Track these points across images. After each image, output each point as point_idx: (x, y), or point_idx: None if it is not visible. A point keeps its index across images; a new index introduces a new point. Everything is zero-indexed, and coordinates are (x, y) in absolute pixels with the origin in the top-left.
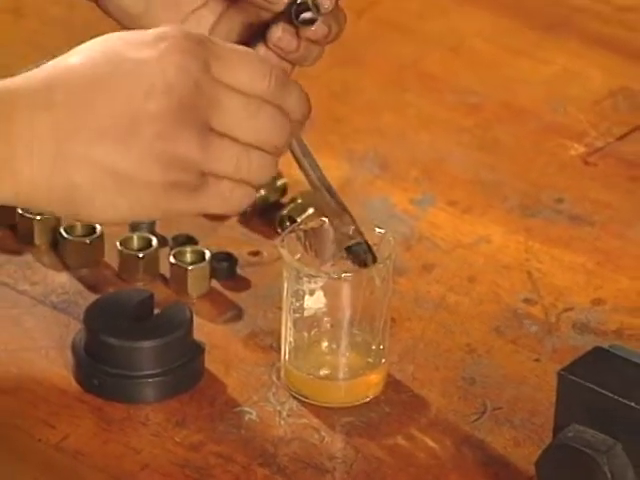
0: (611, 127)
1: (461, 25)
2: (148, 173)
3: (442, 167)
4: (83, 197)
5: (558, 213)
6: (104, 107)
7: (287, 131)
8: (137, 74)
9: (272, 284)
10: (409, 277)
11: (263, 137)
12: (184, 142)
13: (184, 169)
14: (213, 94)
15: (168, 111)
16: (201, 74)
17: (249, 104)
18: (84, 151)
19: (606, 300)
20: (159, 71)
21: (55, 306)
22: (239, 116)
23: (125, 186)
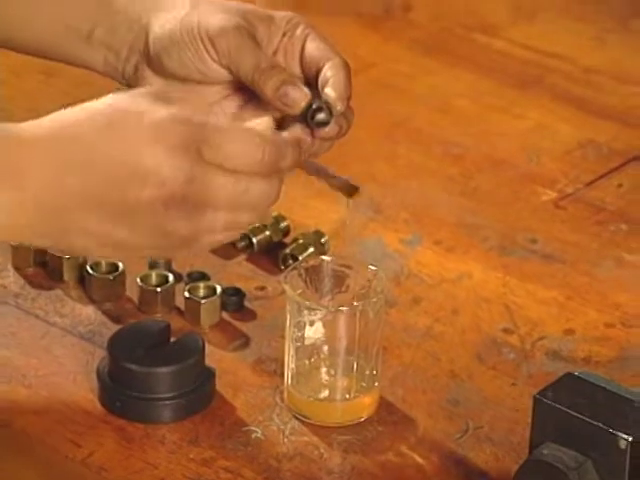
0: (580, 175)
1: (446, 86)
2: (141, 241)
3: (429, 211)
4: (79, 250)
5: (532, 252)
6: (101, 189)
7: (276, 196)
8: (133, 167)
9: (276, 316)
10: (399, 309)
11: (251, 207)
12: (175, 221)
13: (176, 239)
14: (205, 180)
15: (160, 200)
16: (192, 167)
17: (239, 182)
18: (84, 224)
19: (576, 330)
20: (153, 167)
21: (82, 336)
22: (229, 194)
23: (119, 247)
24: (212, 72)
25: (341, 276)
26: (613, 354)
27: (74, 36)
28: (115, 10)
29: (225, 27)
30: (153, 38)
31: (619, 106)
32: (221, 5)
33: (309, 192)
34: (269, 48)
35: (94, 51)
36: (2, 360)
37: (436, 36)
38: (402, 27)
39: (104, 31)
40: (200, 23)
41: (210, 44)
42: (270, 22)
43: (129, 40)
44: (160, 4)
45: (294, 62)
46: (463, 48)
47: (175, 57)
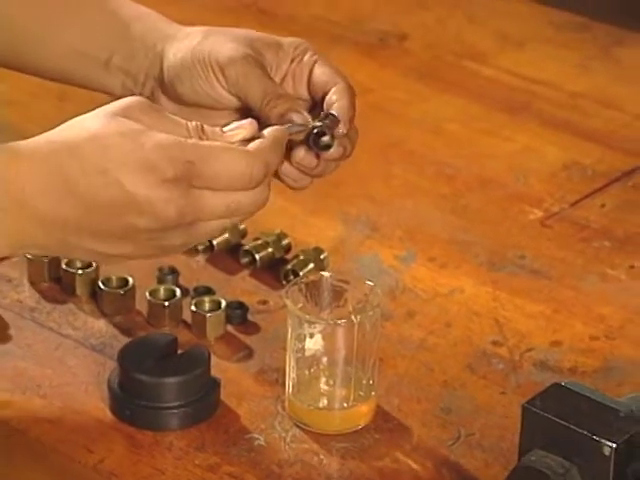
0: (565, 195)
1: (439, 110)
2: (139, 254)
3: (423, 229)
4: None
5: (521, 268)
6: (99, 216)
7: (266, 199)
8: (129, 197)
9: (278, 328)
10: (394, 322)
11: (243, 214)
12: (172, 238)
13: (173, 248)
14: (196, 204)
15: (155, 229)
16: (183, 200)
17: (229, 198)
18: (85, 245)
19: (562, 342)
20: (146, 203)
21: (94, 348)
22: (220, 209)
23: (119, 260)
24: (222, 99)
25: (339, 291)
26: (598, 365)
27: (92, 62)
28: (132, 37)
29: (234, 57)
30: (167, 66)
31: (602, 130)
32: (231, 34)
33: (309, 211)
34: (277, 73)
35: (112, 76)
36: (18, 371)
37: (429, 64)
38: (397, 55)
39: (122, 58)
40: (211, 53)
41: (220, 73)
42: (278, 48)
43: (145, 67)
44: (174, 33)
45: (302, 86)
46: (454, 75)
47: (187, 84)
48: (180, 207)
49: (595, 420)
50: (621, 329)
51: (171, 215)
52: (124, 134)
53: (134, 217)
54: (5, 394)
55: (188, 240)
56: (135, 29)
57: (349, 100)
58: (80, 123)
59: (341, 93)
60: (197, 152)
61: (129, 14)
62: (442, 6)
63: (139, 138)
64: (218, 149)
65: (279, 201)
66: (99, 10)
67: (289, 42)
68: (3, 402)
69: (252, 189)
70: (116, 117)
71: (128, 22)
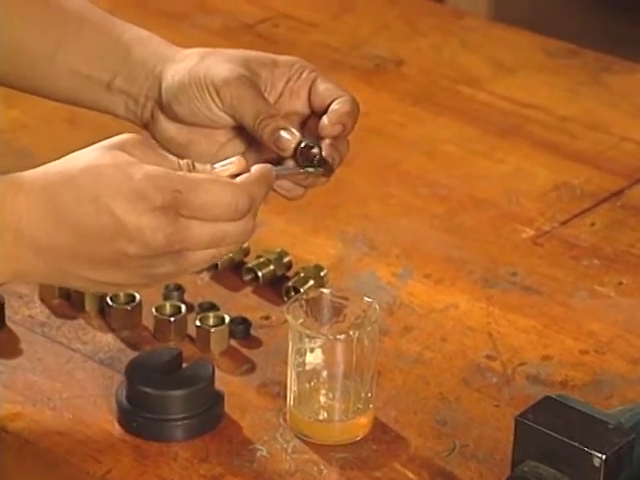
0: (555, 215)
1: (434, 133)
2: (132, 281)
3: (418, 247)
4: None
5: (513, 284)
6: (91, 244)
7: (252, 230)
8: (119, 225)
9: (280, 343)
10: (392, 337)
11: (230, 244)
12: (162, 266)
13: (164, 276)
14: (184, 234)
15: (145, 256)
16: (172, 228)
17: (216, 228)
18: (79, 272)
19: (553, 356)
20: (136, 230)
21: (102, 361)
22: (208, 239)
23: (112, 286)
24: (219, 119)
25: (339, 307)
26: (587, 378)
27: (96, 84)
28: (134, 61)
29: (228, 78)
30: (165, 87)
31: (591, 151)
32: (227, 56)
33: (310, 230)
34: (273, 92)
35: (115, 98)
36: (29, 384)
37: (425, 88)
38: (394, 80)
39: (123, 80)
40: (207, 74)
41: (216, 94)
42: (274, 67)
43: (145, 89)
44: (172, 55)
45: (299, 102)
46: (449, 99)
47: (185, 105)
48: (168, 235)
49: (585, 432)
50: (610, 344)
51: (160, 242)
52: (116, 165)
53: (124, 244)
54: (16, 406)
55: (177, 269)
56: (136, 52)
57: (346, 109)
58: (76, 157)
59: (341, 103)
60: (184, 182)
61: (131, 38)
62: (437, 33)
63: (130, 169)
64: (204, 180)
65: (280, 221)
66: (103, 34)
67: (285, 61)
68: (14, 414)
69: (238, 220)
70: (111, 150)
71: (130, 46)
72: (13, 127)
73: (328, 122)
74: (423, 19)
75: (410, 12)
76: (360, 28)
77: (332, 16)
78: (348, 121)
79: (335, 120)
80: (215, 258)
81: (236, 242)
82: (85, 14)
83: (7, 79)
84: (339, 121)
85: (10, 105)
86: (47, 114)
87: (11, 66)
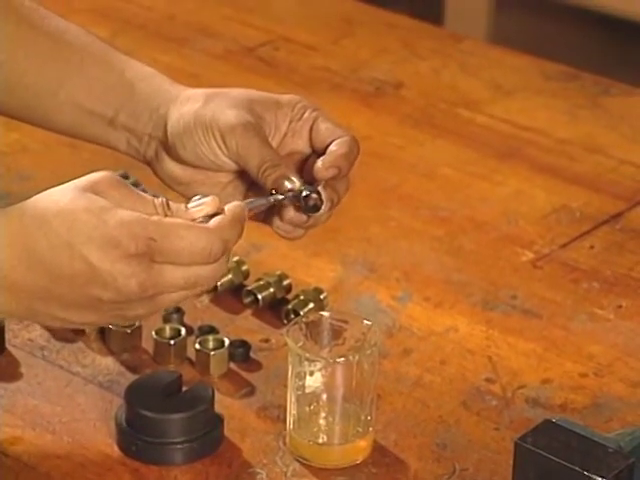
0: (555, 237)
1: (433, 156)
2: (105, 322)
3: (418, 269)
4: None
5: (513, 307)
6: (64, 287)
7: (225, 269)
8: (93, 270)
9: (279, 366)
10: (391, 360)
11: (203, 284)
12: (135, 309)
13: (137, 317)
14: (158, 279)
15: (119, 301)
16: (145, 274)
17: (190, 271)
18: (52, 312)
19: (553, 379)
20: (109, 277)
21: (101, 385)
22: (181, 282)
23: (85, 325)
24: (223, 164)
25: (338, 330)
26: (587, 401)
27: (98, 120)
28: (137, 98)
29: (234, 125)
30: (170, 130)
31: (590, 174)
32: (231, 99)
33: (310, 253)
34: (277, 133)
35: (118, 134)
36: (29, 407)
37: (424, 111)
38: (393, 103)
39: (127, 117)
40: (212, 120)
41: (222, 141)
42: (277, 108)
43: (149, 128)
44: (176, 95)
45: (302, 141)
46: (448, 122)
47: (190, 149)
48: (142, 281)
49: (585, 456)
50: (609, 367)
51: (133, 289)
52: (90, 210)
53: (98, 290)
54: (16, 430)
55: (149, 311)
56: (140, 90)
57: (343, 151)
58: (50, 197)
59: (339, 145)
60: (159, 229)
61: (135, 74)
62: (436, 56)
63: (104, 215)
64: (179, 226)
65: (280, 244)
66: (106, 69)
67: (287, 101)
68: (14, 438)
69: (211, 264)
70: (84, 193)
71: (133, 82)
72: (13, 150)
73: (322, 165)
74: (422, 42)
75: (409, 36)
76: (360, 51)
77: (332, 40)
78: (343, 163)
79: (329, 163)
80: (187, 298)
81: (209, 284)
82: (88, 48)
83: (10, 111)
84: (333, 164)
85: (10, 128)
86: (47, 137)
87: (14, 98)
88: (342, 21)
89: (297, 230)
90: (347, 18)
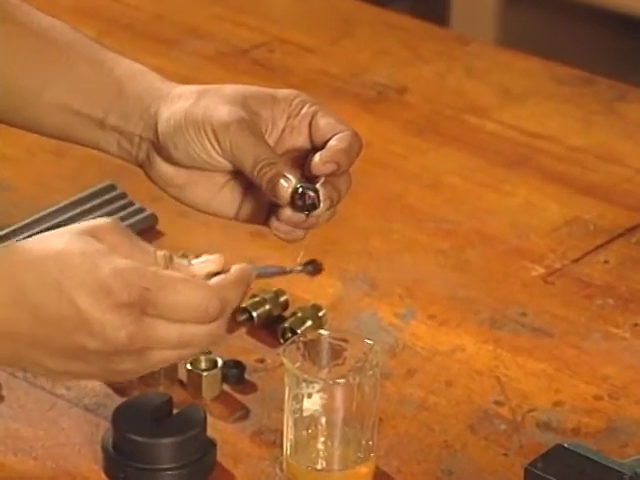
0: (567, 251)
1: (438, 164)
2: (92, 373)
3: (422, 285)
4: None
5: (522, 326)
6: (50, 332)
7: (224, 333)
8: (80, 317)
9: (275, 388)
10: (394, 381)
11: (197, 345)
12: (123, 363)
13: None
14: (148, 333)
15: (105, 352)
16: (135, 326)
17: (184, 329)
18: (35, 358)
19: (565, 402)
20: (98, 325)
21: (87, 408)
22: (174, 340)
23: (71, 376)
24: (217, 163)
25: (338, 349)
26: (601, 425)
27: (87, 121)
28: (127, 97)
29: (228, 122)
30: (161, 130)
31: (604, 185)
32: (224, 95)
33: None
34: (274, 130)
35: (108, 135)
36: (10, 432)
37: (428, 117)
38: (396, 109)
39: (117, 117)
40: (204, 117)
41: (214, 139)
42: (273, 104)
43: (140, 128)
44: (167, 92)
45: (301, 138)
46: (454, 129)
47: (181, 149)
48: (131, 333)
49: None
50: (625, 389)
51: (121, 340)
52: (85, 254)
53: (84, 337)
54: None
55: (139, 367)
56: (130, 88)
57: (343, 145)
58: (47, 240)
59: (339, 139)
60: (155, 280)
61: (124, 72)
62: (441, 59)
63: (99, 259)
64: (176, 279)
65: (277, 258)
66: (94, 68)
67: (284, 96)
68: None
69: (207, 324)
70: (82, 236)
71: (123, 80)
72: None
73: (319, 160)
74: (426, 45)
75: (412, 37)
76: (360, 54)
77: (330, 41)
78: (343, 159)
79: (327, 158)
80: (180, 359)
81: (204, 343)
82: (75, 46)
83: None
84: (332, 159)
85: None
86: (30, 145)
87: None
88: (341, 21)
89: (296, 231)
90: (346, 18)
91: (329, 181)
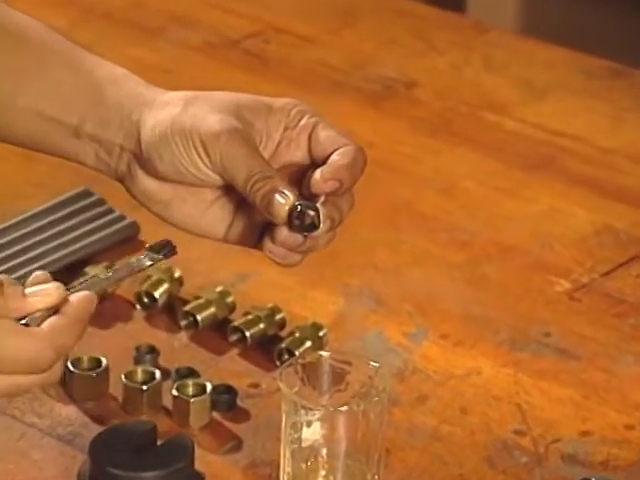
0: (596, 264)
1: (452, 167)
2: None
3: (434, 302)
4: None
5: (546, 347)
6: None
7: (59, 375)
8: None
9: (271, 416)
10: (403, 408)
11: (26, 391)
12: None
13: None
14: None
15: None
16: None
17: (9, 387)
18: None
19: (593, 432)
20: None
21: (61, 438)
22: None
23: None
24: (206, 177)
25: (340, 373)
26: (633, 458)
27: (61, 129)
28: (106, 103)
29: (218, 133)
30: (144, 140)
31: (637, 189)
32: (215, 103)
33: (306, 282)
34: (269, 143)
35: (84, 145)
36: None
37: (441, 115)
38: (405, 105)
39: (94, 125)
40: (193, 127)
41: (203, 151)
42: (268, 114)
43: (120, 138)
44: (152, 99)
45: (299, 152)
46: (470, 128)
47: (167, 161)
48: None
49: None
50: None
51: None
52: None
53: None
54: None
55: None
56: (110, 94)
57: (347, 162)
58: None
59: (342, 154)
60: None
61: (104, 76)
62: (456, 49)
63: None
64: (4, 332)
65: (272, 272)
66: (71, 70)
67: (281, 105)
68: None
69: (40, 373)
70: None
71: (102, 85)
72: None
73: (321, 177)
74: (439, 33)
75: (424, 25)
76: (364, 44)
77: (331, 30)
78: (346, 176)
79: (329, 175)
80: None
81: (34, 389)
82: (50, 46)
83: None
84: (334, 176)
85: None
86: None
87: None
88: (343, 8)
89: (293, 255)
90: (349, 5)
91: (330, 200)
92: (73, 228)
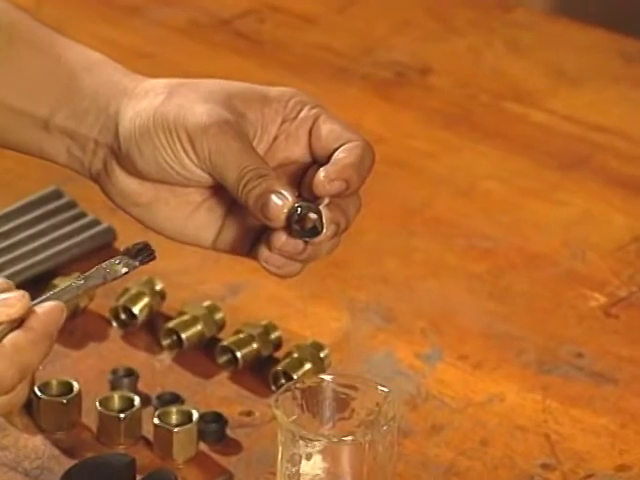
0: (635, 275)
1: (473, 165)
2: None
3: (451, 318)
4: None
5: (578, 369)
6: None
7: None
8: None
9: (265, 447)
10: (415, 439)
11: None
12: None
13: None
14: None
15: None
16: None
17: None
18: None
19: (632, 466)
20: None
21: (28, 473)
22: None
23: None
24: (192, 176)
25: (344, 399)
26: None
27: (29, 121)
28: (80, 93)
29: (206, 126)
30: (123, 133)
31: None
32: (203, 91)
33: (306, 295)
34: (264, 137)
35: (54, 140)
36: None
37: (460, 105)
38: (418, 94)
39: (66, 117)
40: (177, 118)
41: (190, 146)
42: (263, 105)
43: (96, 131)
44: (132, 88)
45: (298, 148)
46: (492, 120)
47: (149, 157)
48: None
49: None
50: None
51: None
52: None
53: None
54: None
55: None
56: (84, 82)
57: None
58: None
59: (348, 151)
60: None
61: (77, 62)
62: (477, 31)
63: None
64: None
65: (268, 284)
66: (40, 55)
67: (278, 95)
68: None
69: (3, 395)
70: None
71: (75, 72)
72: None
73: (325, 177)
74: (458, 13)
75: (440, 4)
76: (373, 25)
77: (336, 10)
78: (353, 176)
79: (334, 175)
80: None
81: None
82: (18, 28)
83: None
84: (340, 176)
85: None
86: None
87: None
88: None
89: (291, 264)
90: None
91: (334, 202)
92: (41, 234)
